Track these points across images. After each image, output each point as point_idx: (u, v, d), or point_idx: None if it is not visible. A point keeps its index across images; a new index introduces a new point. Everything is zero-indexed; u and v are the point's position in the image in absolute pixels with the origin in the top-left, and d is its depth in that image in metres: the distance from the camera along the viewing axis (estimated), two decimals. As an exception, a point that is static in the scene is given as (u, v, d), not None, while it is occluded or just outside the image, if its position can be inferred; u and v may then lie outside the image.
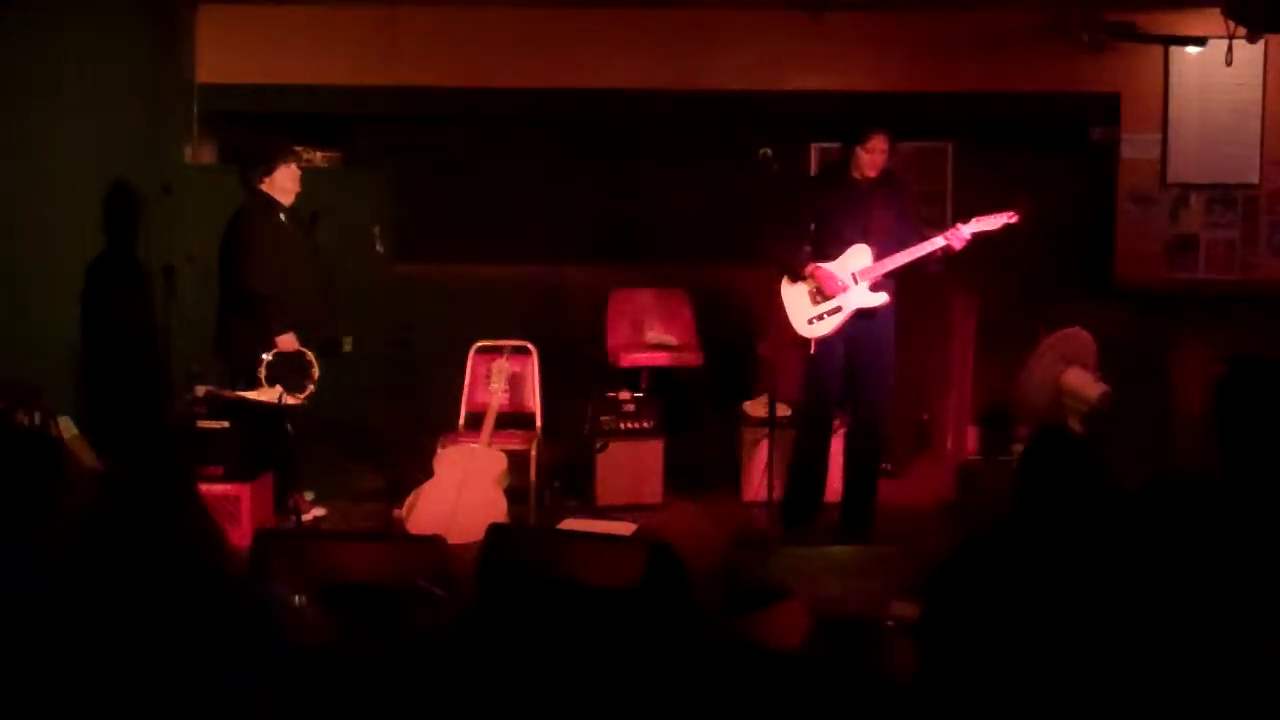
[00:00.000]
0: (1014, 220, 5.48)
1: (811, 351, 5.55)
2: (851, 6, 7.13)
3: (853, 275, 5.48)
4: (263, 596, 2.74)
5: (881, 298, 5.49)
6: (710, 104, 7.31)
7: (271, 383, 5.58)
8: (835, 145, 7.59)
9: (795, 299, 5.58)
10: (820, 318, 5.52)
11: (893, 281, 5.53)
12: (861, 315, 5.48)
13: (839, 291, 5.47)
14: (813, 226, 5.59)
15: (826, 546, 5.42)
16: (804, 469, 5.71)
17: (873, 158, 5.45)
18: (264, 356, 5.60)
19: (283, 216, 5.84)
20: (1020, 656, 2.71)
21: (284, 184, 5.83)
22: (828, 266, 5.50)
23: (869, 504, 5.70)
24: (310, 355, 5.70)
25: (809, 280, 5.52)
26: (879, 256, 5.46)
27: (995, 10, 7.15)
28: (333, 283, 6.05)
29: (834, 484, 5.84)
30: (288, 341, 5.67)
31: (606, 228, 7.57)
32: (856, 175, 5.51)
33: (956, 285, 7.52)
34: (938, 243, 5.41)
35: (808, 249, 5.57)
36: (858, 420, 5.70)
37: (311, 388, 5.68)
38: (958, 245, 5.40)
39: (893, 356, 5.64)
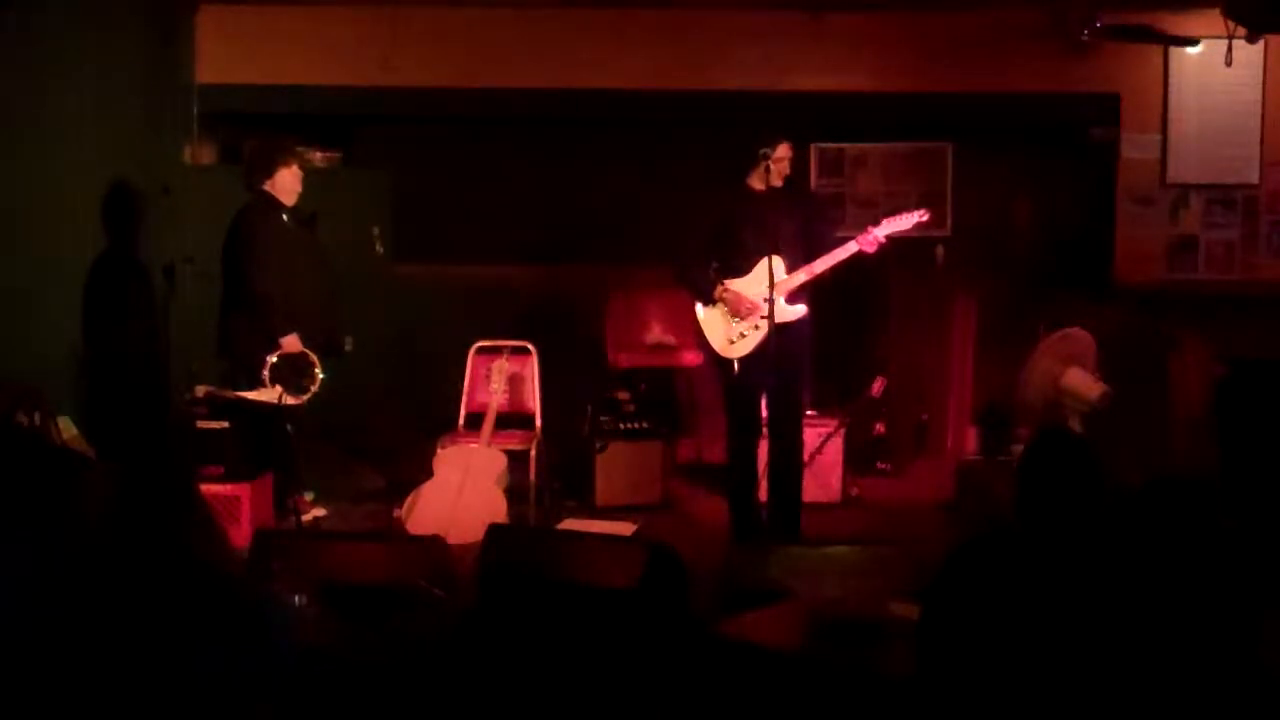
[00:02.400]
0: (925, 219, 5.44)
1: (735, 371, 5.46)
2: (851, 6, 7.13)
3: (767, 289, 5.38)
4: (263, 596, 2.74)
5: (799, 310, 5.41)
6: (710, 104, 7.31)
7: (275, 384, 5.58)
8: (832, 146, 7.75)
9: (712, 320, 5.51)
10: (741, 336, 5.45)
11: (808, 291, 5.46)
12: (780, 328, 5.36)
13: (752, 313, 5.40)
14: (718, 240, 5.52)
15: (827, 547, 5.43)
16: (740, 484, 5.62)
17: (780, 166, 5.41)
18: (268, 358, 5.61)
19: (285, 217, 5.85)
20: (1020, 656, 2.71)
21: (286, 184, 5.84)
22: (738, 286, 5.45)
23: (796, 507, 5.60)
24: (313, 357, 5.70)
25: (720, 303, 5.48)
26: (791, 268, 5.39)
27: (995, 10, 7.15)
28: (337, 283, 6.05)
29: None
30: (292, 343, 5.67)
31: (607, 228, 7.57)
32: (758, 186, 5.44)
33: (956, 285, 7.54)
34: (851, 248, 5.35)
35: (714, 268, 5.50)
36: (777, 426, 5.58)
37: (314, 389, 5.68)
38: (870, 249, 5.35)
39: (809, 364, 5.58)
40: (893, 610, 3.62)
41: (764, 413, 5.70)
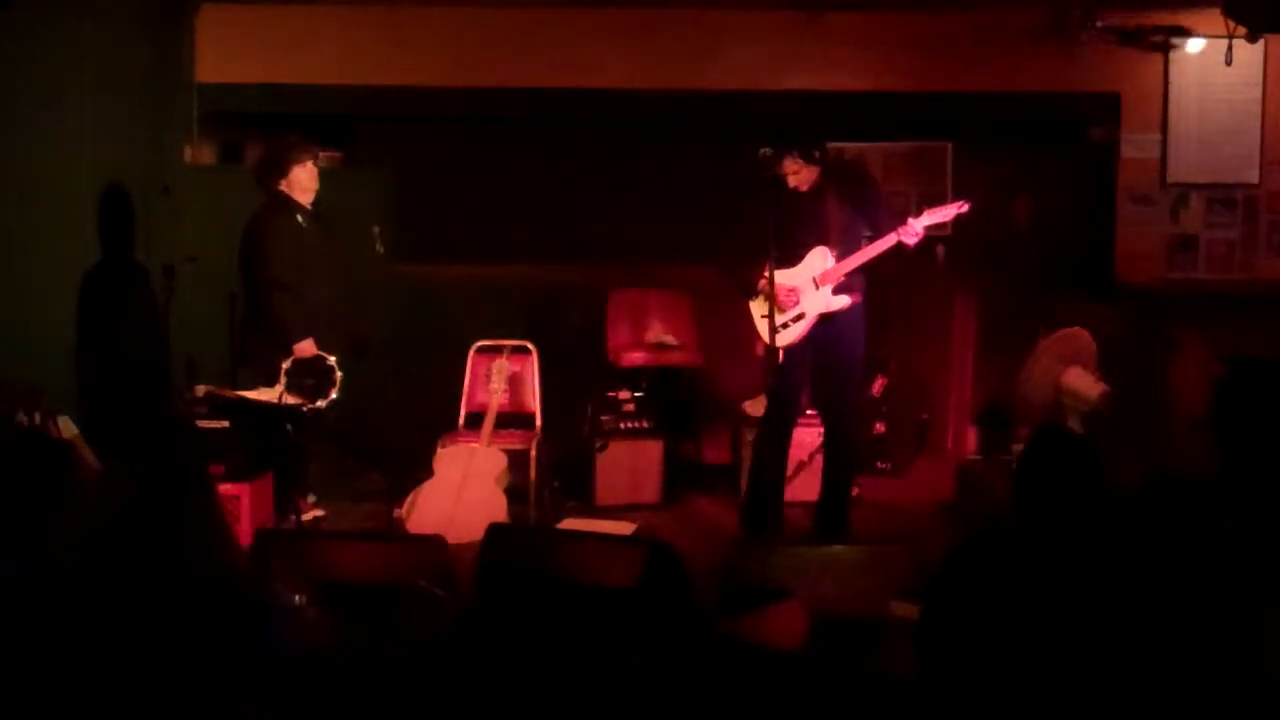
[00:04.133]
0: (964, 210, 5.45)
1: (780, 360, 5.49)
2: (851, 6, 7.13)
3: (814, 280, 5.44)
4: (265, 597, 2.74)
5: (843, 300, 5.44)
6: (710, 104, 7.31)
7: (293, 390, 5.54)
8: (833, 146, 7.73)
9: (759, 311, 5.57)
10: (786, 325, 5.49)
11: (861, 279, 5.48)
12: (826, 318, 5.44)
13: (790, 305, 5.45)
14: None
15: (826, 546, 5.43)
16: (762, 472, 5.67)
17: (794, 180, 5.44)
18: (283, 365, 5.58)
19: (300, 218, 5.81)
20: (1020, 656, 2.71)
21: (301, 183, 5.80)
22: (784, 277, 5.46)
23: (842, 505, 5.65)
24: (330, 360, 5.66)
25: (763, 295, 5.50)
26: (840, 257, 5.41)
27: (995, 10, 7.15)
28: (357, 283, 6.03)
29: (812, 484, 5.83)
30: (305, 348, 5.64)
31: (607, 227, 7.56)
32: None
33: (956, 285, 7.54)
34: (890, 240, 5.36)
35: (772, 257, 5.50)
36: (830, 423, 5.63)
37: (334, 393, 5.64)
38: (911, 241, 5.34)
39: (860, 355, 5.59)
40: (893, 610, 3.62)
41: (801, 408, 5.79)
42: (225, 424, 5.62)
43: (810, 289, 5.47)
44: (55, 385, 5.39)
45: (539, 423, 6.42)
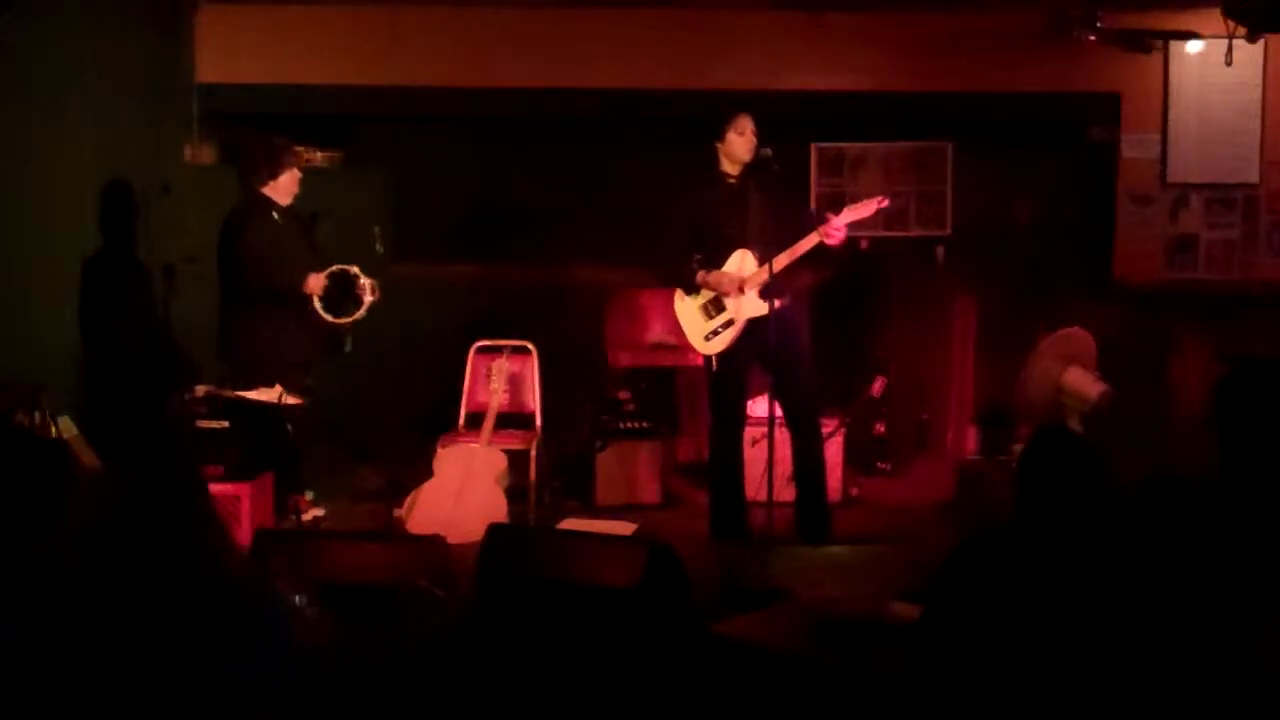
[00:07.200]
0: (885, 204, 5.42)
1: (714, 369, 5.49)
2: (851, 6, 7.13)
3: (739, 285, 5.43)
4: (266, 598, 2.74)
5: (776, 303, 5.35)
6: (710, 104, 7.29)
7: (330, 313, 5.63)
8: (832, 146, 7.74)
9: (689, 316, 5.55)
10: (716, 333, 5.48)
11: (793, 279, 5.46)
12: (760, 322, 5.39)
13: (733, 292, 5.41)
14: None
15: (826, 546, 5.43)
16: (719, 480, 5.67)
17: (745, 139, 5.41)
18: (314, 294, 5.61)
19: (276, 215, 5.85)
20: (1020, 656, 2.72)
21: (287, 187, 5.86)
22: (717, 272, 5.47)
23: (820, 505, 5.60)
24: (353, 270, 5.68)
25: (703, 292, 5.48)
26: (763, 259, 5.37)
27: (995, 10, 7.15)
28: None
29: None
30: (315, 281, 5.67)
31: (606, 227, 7.56)
32: (727, 169, 5.47)
33: (956, 285, 7.54)
34: (813, 240, 5.31)
35: (697, 258, 5.51)
36: (791, 423, 5.54)
37: (370, 300, 5.66)
38: (832, 240, 5.29)
39: (808, 351, 5.56)
40: (893, 610, 3.62)
41: (748, 410, 5.77)
42: (225, 424, 5.62)
43: (737, 293, 5.45)
44: (55, 385, 5.39)
45: (539, 423, 6.42)
